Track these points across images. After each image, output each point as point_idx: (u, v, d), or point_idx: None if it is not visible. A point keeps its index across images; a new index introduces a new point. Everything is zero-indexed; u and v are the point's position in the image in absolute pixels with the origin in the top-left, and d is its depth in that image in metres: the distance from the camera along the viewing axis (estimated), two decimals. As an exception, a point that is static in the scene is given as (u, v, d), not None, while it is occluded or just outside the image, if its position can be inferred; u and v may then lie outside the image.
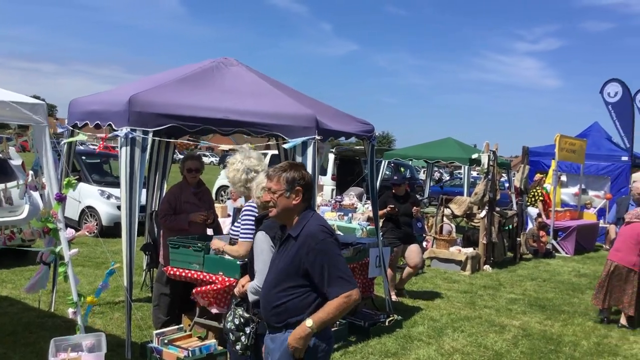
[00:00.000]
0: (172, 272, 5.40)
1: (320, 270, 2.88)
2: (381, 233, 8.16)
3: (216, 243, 4.73)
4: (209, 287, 5.10)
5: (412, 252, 7.95)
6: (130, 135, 4.94)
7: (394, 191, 8.21)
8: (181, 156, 7.11)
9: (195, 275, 5.23)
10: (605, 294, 7.34)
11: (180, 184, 6.04)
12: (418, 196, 14.22)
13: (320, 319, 2.87)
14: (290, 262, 2.96)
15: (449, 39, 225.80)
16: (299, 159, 5.40)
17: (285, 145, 5.47)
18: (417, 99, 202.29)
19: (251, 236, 4.07)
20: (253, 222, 4.16)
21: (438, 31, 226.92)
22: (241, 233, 4.41)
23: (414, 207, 8.12)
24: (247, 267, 3.87)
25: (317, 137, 5.38)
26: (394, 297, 7.72)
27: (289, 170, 3.04)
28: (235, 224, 4.65)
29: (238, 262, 4.82)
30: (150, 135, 5.06)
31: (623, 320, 7.37)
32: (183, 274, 5.31)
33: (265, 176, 3.67)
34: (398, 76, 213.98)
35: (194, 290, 5.19)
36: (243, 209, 4.49)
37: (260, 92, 5.81)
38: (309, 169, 5.37)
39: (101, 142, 5.59)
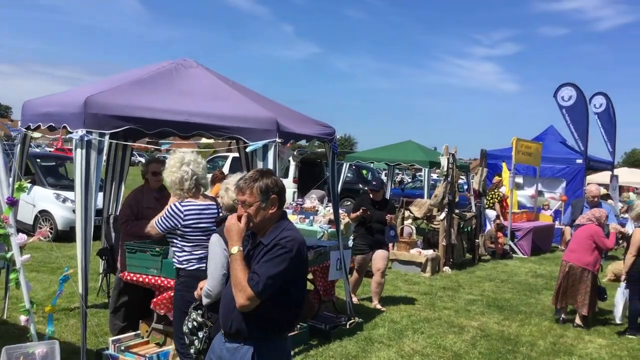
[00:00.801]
0: (129, 278, 5.30)
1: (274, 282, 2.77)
2: (352, 238, 8.12)
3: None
4: (165, 294, 5.01)
5: (377, 257, 7.81)
6: (85, 138, 4.82)
7: (371, 196, 8.01)
8: (140, 159, 6.97)
9: (153, 281, 5.14)
10: (562, 294, 7.51)
11: (141, 188, 5.92)
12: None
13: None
14: None
15: (409, 43, 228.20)
16: (259, 163, 5.37)
17: (247, 149, 5.42)
18: (379, 102, 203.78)
19: (162, 227, 4.20)
20: (171, 218, 4.16)
21: (398, 35, 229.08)
22: (157, 219, 4.28)
23: (388, 215, 7.81)
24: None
25: (278, 140, 5.35)
26: (378, 307, 7.78)
27: (261, 179, 2.88)
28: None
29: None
30: (107, 137, 4.95)
31: (578, 320, 7.55)
32: (140, 279, 5.21)
33: (235, 188, 3.56)
34: (360, 79, 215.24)
35: (152, 302, 5.10)
36: (169, 204, 4.30)
37: (220, 94, 5.75)
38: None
39: (57, 144, 5.45)
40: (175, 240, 4.28)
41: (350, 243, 8.28)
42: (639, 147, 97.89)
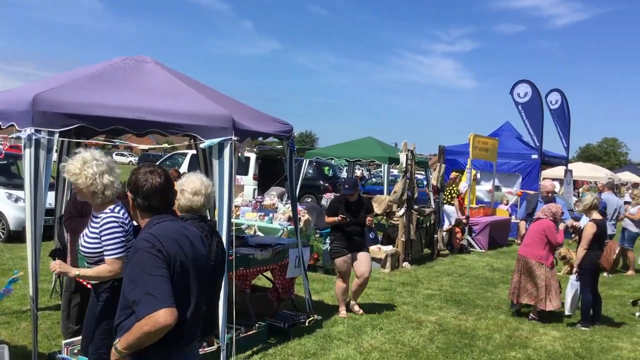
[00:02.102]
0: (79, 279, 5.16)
1: (129, 285, 2.51)
2: (329, 241, 7.96)
3: (62, 267, 3.92)
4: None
5: (359, 261, 7.34)
6: (34, 137, 4.69)
7: (346, 197, 7.45)
8: None
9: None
10: (518, 288, 7.66)
11: None
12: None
13: (128, 342, 2.48)
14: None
15: (369, 40, 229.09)
16: (215, 161, 5.31)
17: (201, 145, 5.35)
18: (340, 98, 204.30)
19: (122, 250, 3.62)
20: (121, 233, 3.66)
21: (359, 32, 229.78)
22: (108, 249, 3.65)
23: (368, 217, 7.40)
24: None
25: (234, 138, 5.29)
26: (356, 309, 7.49)
27: (131, 174, 2.80)
28: (88, 237, 3.76)
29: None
30: (57, 136, 4.81)
31: (533, 313, 7.71)
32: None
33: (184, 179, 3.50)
34: (321, 75, 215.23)
35: None
36: (103, 218, 3.70)
37: (175, 91, 5.65)
38: (226, 170, 5.30)
39: (3, 143, 5.28)
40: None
41: (327, 247, 8.15)
42: (593, 142, 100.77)
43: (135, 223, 3.33)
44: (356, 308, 7.47)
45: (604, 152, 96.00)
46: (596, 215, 7.68)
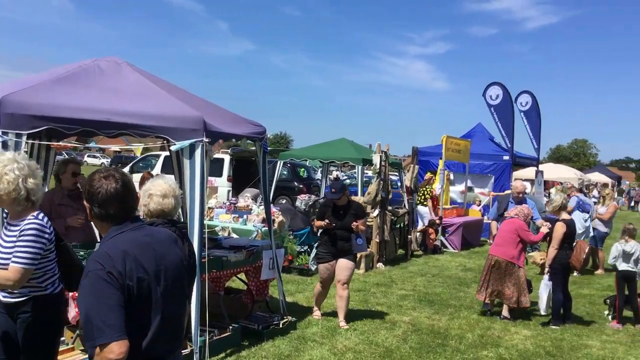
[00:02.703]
0: (51, 283, 5.07)
1: (80, 309, 2.34)
2: (315, 246, 7.86)
3: None
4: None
5: (339, 268, 7.05)
6: (1, 139, 4.61)
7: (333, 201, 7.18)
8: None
9: (77, 286, 4.95)
10: (487, 287, 7.75)
11: (54, 188, 5.76)
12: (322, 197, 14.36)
13: None
14: None
15: (344, 41, 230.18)
16: (186, 162, 5.27)
17: (172, 148, 5.30)
18: (314, 100, 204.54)
19: (33, 262, 3.30)
20: (40, 244, 3.35)
21: (333, 33, 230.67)
22: (18, 255, 3.28)
23: (357, 221, 7.02)
24: None
25: (205, 140, 5.26)
26: (341, 325, 6.98)
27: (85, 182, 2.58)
28: (2, 248, 3.39)
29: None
30: (24, 138, 4.74)
31: (505, 312, 7.79)
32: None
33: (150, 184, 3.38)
34: (295, 76, 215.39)
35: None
36: (26, 224, 3.37)
37: (145, 92, 5.60)
38: (197, 172, 5.26)
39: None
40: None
41: (314, 252, 8.09)
42: (564, 143, 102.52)
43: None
44: (342, 323, 7.01)
45: (574, 153, 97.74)
46: (565, 215, 7.80)
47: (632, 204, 40.62)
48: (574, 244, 7.80)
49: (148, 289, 2.44)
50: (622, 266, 7.78)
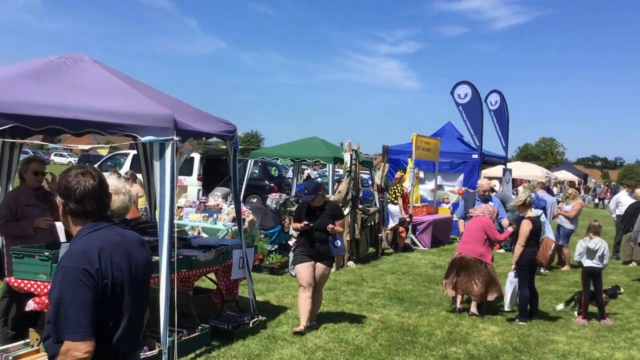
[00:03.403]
0: (16, 284, 4.99)
1: (52, 303, 2.37)
2: (292, 249, 7.72)
3: None
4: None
5: (316, 272, 6.79)
6: (-37, 137, 4.50)
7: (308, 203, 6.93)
8: (45, 157, 6.61)
9: (42, 287, 4.87)
10: (453, 283, 7.85)
11: (19, 188, 5.64)
12: (295, 196, 14.34)
13: None
14: None
15: (315, 40, 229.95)
16: (156, 162, 5.22)
17: (143, 139, 5.19)
18: (286, 98, 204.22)
19: None
20: None
21: (305, 32, 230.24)
22: None
23: (330, 225, 6.71)
24: None
25: (175, 138, 5.22)
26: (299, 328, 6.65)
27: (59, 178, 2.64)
28: None
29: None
30: (-13, 136, 4.64)
31: (473, 309, 7.90)
32: (28, 285, 4.92)
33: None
34: (267, 75, 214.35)
35: (33, 305, 4.77)
36: None
37: (113, 90, 5.52)
38: (167, 171, 5.22)
39: None
40: None
41: (291, 257, 7.99)
42: (531, 141, 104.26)
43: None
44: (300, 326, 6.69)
45: (541, 152, 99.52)
46: (531, 212, 7.93)
47: (597, 201, 41.40)
48: (540, 240, 7.93)
49: (122, 287, 2.47)
50: (587, 263, 7.94)
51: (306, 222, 6.77)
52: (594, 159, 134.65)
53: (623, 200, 14.10)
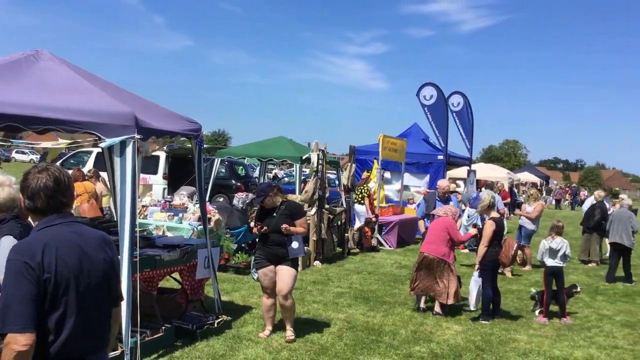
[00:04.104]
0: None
1: None
2: (253, 251, 7.55)
3: None
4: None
5: (278, 276, 6.46)
6: None
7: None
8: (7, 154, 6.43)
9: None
10: (417, 283, 7.93)
11: None
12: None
13: None
14: None
15: (284, 40, 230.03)
16: (117, 160, 5.14)
17: (102, 145, 5.15)
18: (254, 98, 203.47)
19: None
20: None
21: (274, 31, 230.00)
22: None
23: (284, 225, 6.36)
24: None
25: (137, 136, 5.14)
26: (287, 335, 6.47)
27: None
28: None
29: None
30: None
31: (437, 308, 7.98)
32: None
33: None
34: (235, 74, 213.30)
35: None
36: None
37: (74, 87, 5.41)
38: (128, 170, 5.14)
39: None
40: None
41: (252, 260, 7.88)
42: (495, 143, 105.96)
43: None
44: (287, 335, 6.46)
45: (505, 154, 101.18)
46: (494, 214, 8.06)
47: (553, 202, 42.09)
48: (503, 241, 8.06)
49: (67, 284, 2.46)
50: (550, 262, 8.10)
51: (260, 225, 6.49)
52: (556, 161, 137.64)
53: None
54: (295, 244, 6.45)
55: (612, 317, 8.56)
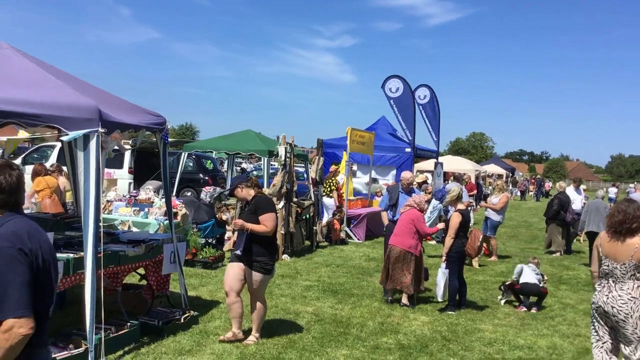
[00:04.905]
0: None
1: None
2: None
3: None
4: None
5: (247, 277, 6.11)
6: None
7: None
8: None
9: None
10: (387, 276, 7.99)
11: None
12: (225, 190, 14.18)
13: None
14: None
15: (253, 33, 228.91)
16: (80, 154, 5.04)
17: (64, 138, 5.05)
18: (222, 91, 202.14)
19: None
20: None
21: (242, 24, 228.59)
22: None
23: (256, 219, 5.97)
24: None
25: (101, 130, 5.05)
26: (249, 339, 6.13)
27: None
28: None
29: None
30: None
31: (404, 300, 8.05)
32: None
33: None
34: (203, 67, 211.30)
35: None
36: None
37: (34, 79, 5.28)
38: (92, 164, 5.05)
39: None
40: None
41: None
42: (462, 136, 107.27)
43: None
44: (249, 338, 6.14)
45: (472, 146, 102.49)
46: (461, 205, 8.15)
47: (518, 193, 42.73)
48: (469, 232, 8.16)
49: (49, 271, 2.57)
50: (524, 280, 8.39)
51: (236, 220, 6.23)
52: (522, 153, 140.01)
53: (572, 195, 14.57)
54: (241, 243, 5.96)
55: (575, 306, 8.75)
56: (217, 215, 11.63)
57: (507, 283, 8.63)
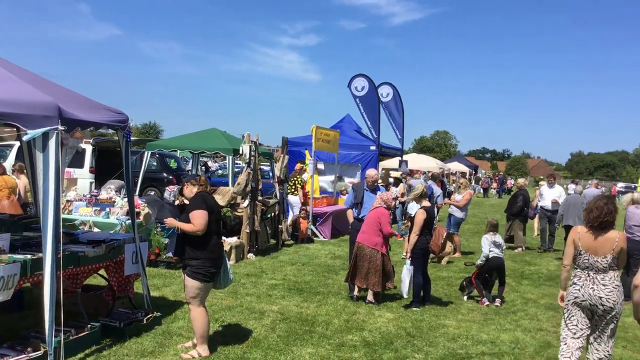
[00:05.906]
0: None
1: None
2: None
3: None
4: None
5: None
6: None
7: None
8: None
9: None
10: (354, 273, 8.01)
11: None
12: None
13: None
14: None
15: (217, 30, 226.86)
16: (39, 154, 4.91)
17: (24, 138, 4.90)
18: (187, 89, 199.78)
19: None
20: None
21: (206, 21, 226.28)
22: None
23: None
24: None
25: (60, 128, 4.92)
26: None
27: None
28: None
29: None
30: None
31: (370, 297, 8.08)
32: None
33: None
34: (167, 65, 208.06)
35: None
36: None
37: (-11, 76, 5.13)
38: (52, 163, 4.93)
39: None
40: None
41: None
42: (427, 134, 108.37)
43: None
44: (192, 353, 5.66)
45: (436, 144, 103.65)
46: (425, 202, 8.22)
47: (481, 190, 43.35)
48: (433, 229, 8.24)
49: None
50: (494, 253, 8.52)
51: (166, 220, 5.99)
52: (484, 150, 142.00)
53: (545, 192, 14.82)
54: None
55: (536, 301, 8.91)
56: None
57: (467, 277, 8.76)
